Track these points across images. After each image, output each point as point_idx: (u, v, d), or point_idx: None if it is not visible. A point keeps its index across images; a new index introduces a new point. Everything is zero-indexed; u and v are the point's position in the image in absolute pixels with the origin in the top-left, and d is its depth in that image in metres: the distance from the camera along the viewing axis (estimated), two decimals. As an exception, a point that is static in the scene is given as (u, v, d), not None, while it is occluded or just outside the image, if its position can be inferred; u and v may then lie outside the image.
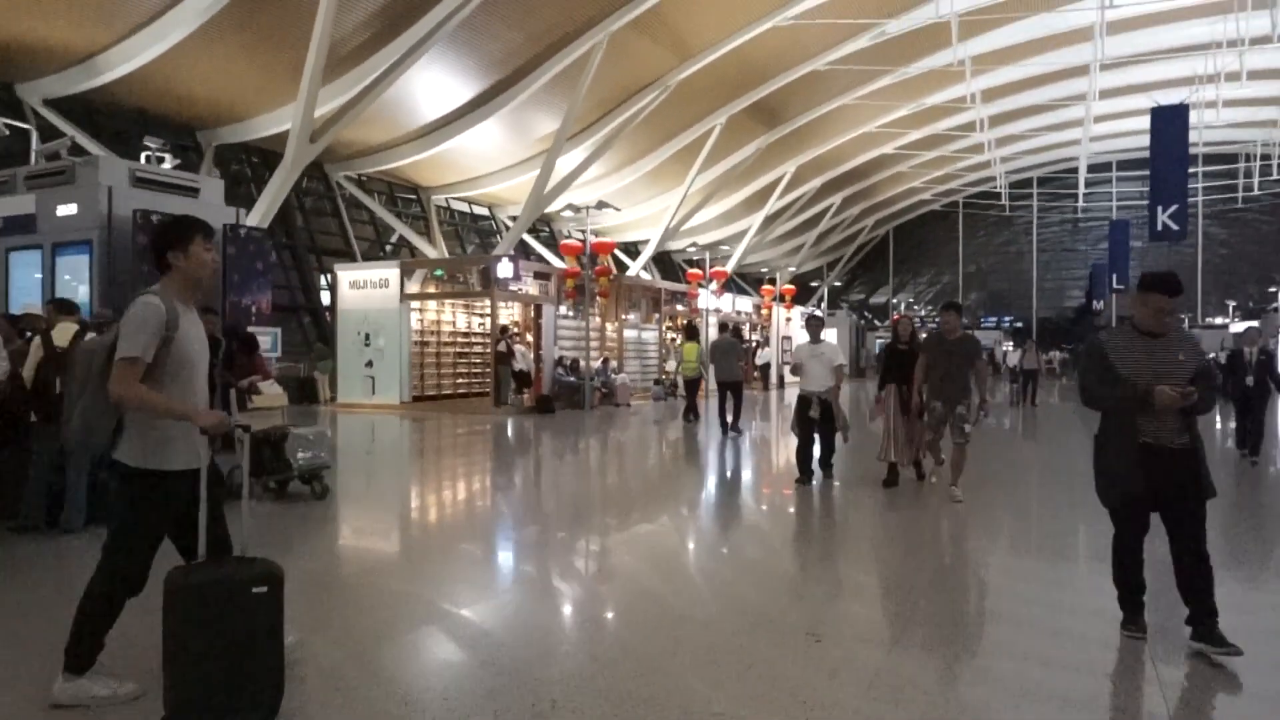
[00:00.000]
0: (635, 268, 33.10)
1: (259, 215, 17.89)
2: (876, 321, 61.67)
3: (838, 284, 54.07)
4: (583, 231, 21.36)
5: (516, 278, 18.36)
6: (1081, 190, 43.21)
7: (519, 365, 17.81)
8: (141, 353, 2.92)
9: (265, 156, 23.16)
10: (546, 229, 36.39)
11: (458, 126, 23.23)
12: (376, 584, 4.89)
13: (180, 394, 3.04)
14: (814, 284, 53.16)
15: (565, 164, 24.25)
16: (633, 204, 33.15)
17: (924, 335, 8.67)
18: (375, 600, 4.54)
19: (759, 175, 32.75)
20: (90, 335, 5.92)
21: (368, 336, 18.55)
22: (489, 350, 18.22)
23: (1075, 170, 41.32)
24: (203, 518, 3.03)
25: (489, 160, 26.92)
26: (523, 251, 30.67)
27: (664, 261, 39.16)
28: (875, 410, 8.40)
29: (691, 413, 15.78)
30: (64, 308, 6.38)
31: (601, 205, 20.96)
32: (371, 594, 4.66)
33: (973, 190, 46.76)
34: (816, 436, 8.47)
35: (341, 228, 25.87)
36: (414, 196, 29.26)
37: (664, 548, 6.06)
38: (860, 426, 12.54)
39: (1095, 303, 49.06)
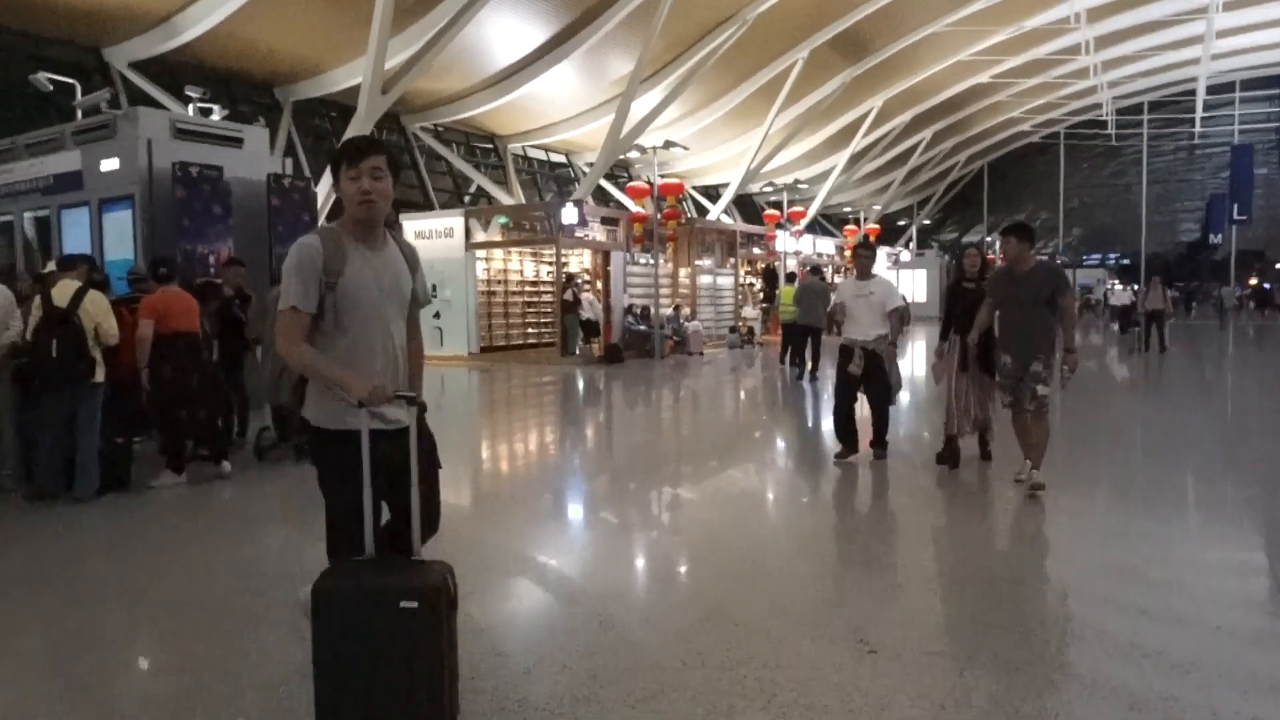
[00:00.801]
0: (716, 211, 32.39)
1: (335, 170, 18.03)
2: (971, 262, 59.20)
3: (926, 223, 51.71)
4: (649, 175, 20.85)
5: (583, 224, 17.88)
6: (1199, 114, 39.89)
7: (586, 314, 17.46)
8: (297, 301, 2.55)
9: (343, 111, 23.27)
10: (625, 175, 35.85)
11: (531, 72, 22.83)
12: (460, 534, 4.74)
13: (349, 347, 2.63)
14: (902, 223, 51.15)
15: (641, 107, 23.64)
16: (712, 146, 32.27)
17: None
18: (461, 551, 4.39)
19: (844, 112, 31.36)
20: (93, 293, 5.83)
21: (434, 287, 18.18)
22: (556, 299, 17.96)
23: (1193, 93, 38.14)
24: (367, 508, 2.53)
25: (564, 106, 26.47)
26: (601, 198, 30.34)
27: (746, 205, 38.14)
28: (938, 368, 6.63)
29: (795, 358, 14.23)
30: (66, 264, 6.09)
31: (669, 145, 20.10)
32: (456, 544, 4.51)
33: (1076, 119, 43.76)
34: (864, 399, 6.90)
35: (420, 180, 25.93)
36: (491, 146, 29.10)
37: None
38: (928, 387, 11.56)
39: (1212, 236, 45.81)
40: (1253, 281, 47.57)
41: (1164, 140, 47.84)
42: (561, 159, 32.37)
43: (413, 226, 18.99)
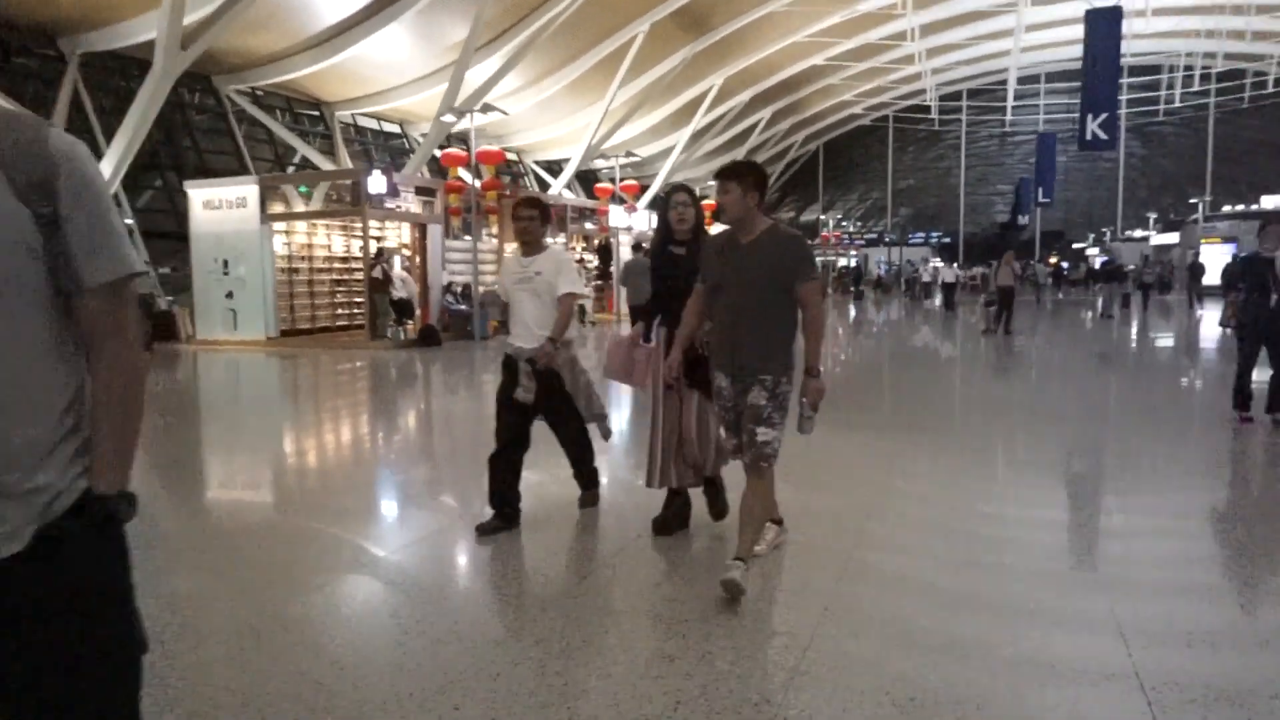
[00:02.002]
0: (557, 186, 31.77)
1: (129, 133, 16.16)
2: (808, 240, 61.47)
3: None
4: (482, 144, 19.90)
5: (393, 193, 16.36)
6: (1010, 103, 42.96)
7: (399, 293, 15.99)
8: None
9: (144, 68, 20.93)
10: (467, 147, 34.53)
11: (358, 32, 21.29)
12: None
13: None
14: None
15: (478, 76, 22.67)
16: (555, 120, 31.58)
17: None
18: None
19: (685, 88, 31.43)
20: None
21: (226, 264, 16.51)
22: (366, 277, 16.46)
23: (1005, 83, 40.97)
24: None
25: (397, 71, 25.01)
26: (439, 173, 29.03)
27: (589, 180, 37.73)
28: (635, 373, 4.44)
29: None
30: None
31: (487, 109, 18.65)
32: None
33: (904, 104, 46.13)
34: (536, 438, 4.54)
35: (235, 147, 23.82)
36: (317, 113, 27.17)
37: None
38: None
39: (1020, 217, 49.59)
40: (1053, 260, 51.94)
41: (980, 126, 51.34)
42: (395, 129, 30.72)
43: (200, 195, 16.95)
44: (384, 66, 24.27)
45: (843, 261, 37.34)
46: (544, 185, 35.32)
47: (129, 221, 18.85)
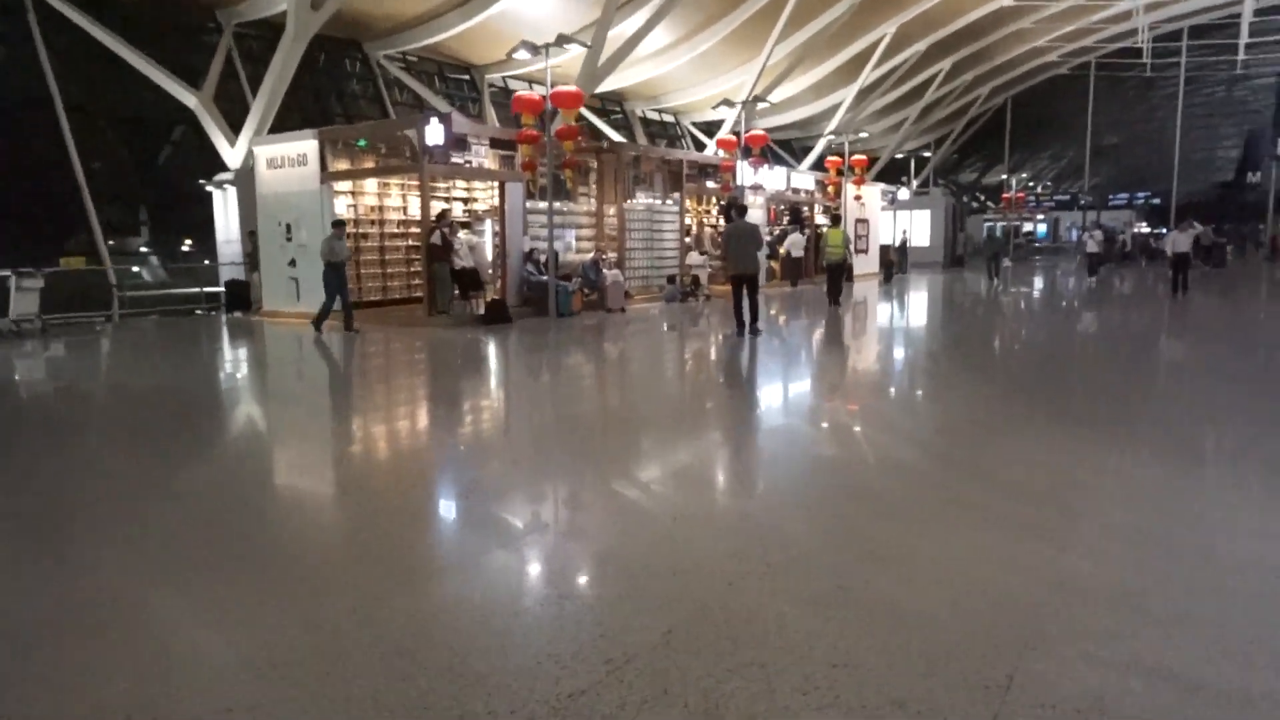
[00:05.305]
0: (711, 148, 30.11)
1: (266, 95, 16.07)
2: (990, 204, 56.39)
3: (923, 154, 48.68)
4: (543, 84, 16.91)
5: (459, 146, 14.17)
6: (1244, 40, 36.83)
7: (462, 262, 14.11)
8: None
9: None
10: (619, 110, 33.50)
11: (502, -14, 20.66)
12: None
13: None
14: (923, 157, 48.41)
15: (625, 32, 21.44)
16: (710, 78, 29.91)
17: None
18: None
19: (852, 40, 28.84)
20: None
21: (289, 228, 14.73)
22: (423, 244, 14.01)
23: (1239, 17, 35.09)
24: None
25: (545, 30, 23.94)
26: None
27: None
28: None
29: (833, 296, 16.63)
30: None
31: (563, 40, 15.68)
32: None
33: (1109, 48, 40.71)
34: None
35: (384, 115, 23.82)
36: (467, 77, 26.86)
37: None
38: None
39: (1250, 175, 43.00)
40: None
41: (1203, 70, 44.59)
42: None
43: (264, 153, 15.27)
44: (531, 25, 23.42)
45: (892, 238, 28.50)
46: (700, 147, 33.76)
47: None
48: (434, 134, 13.02)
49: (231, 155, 17.14)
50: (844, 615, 3.01)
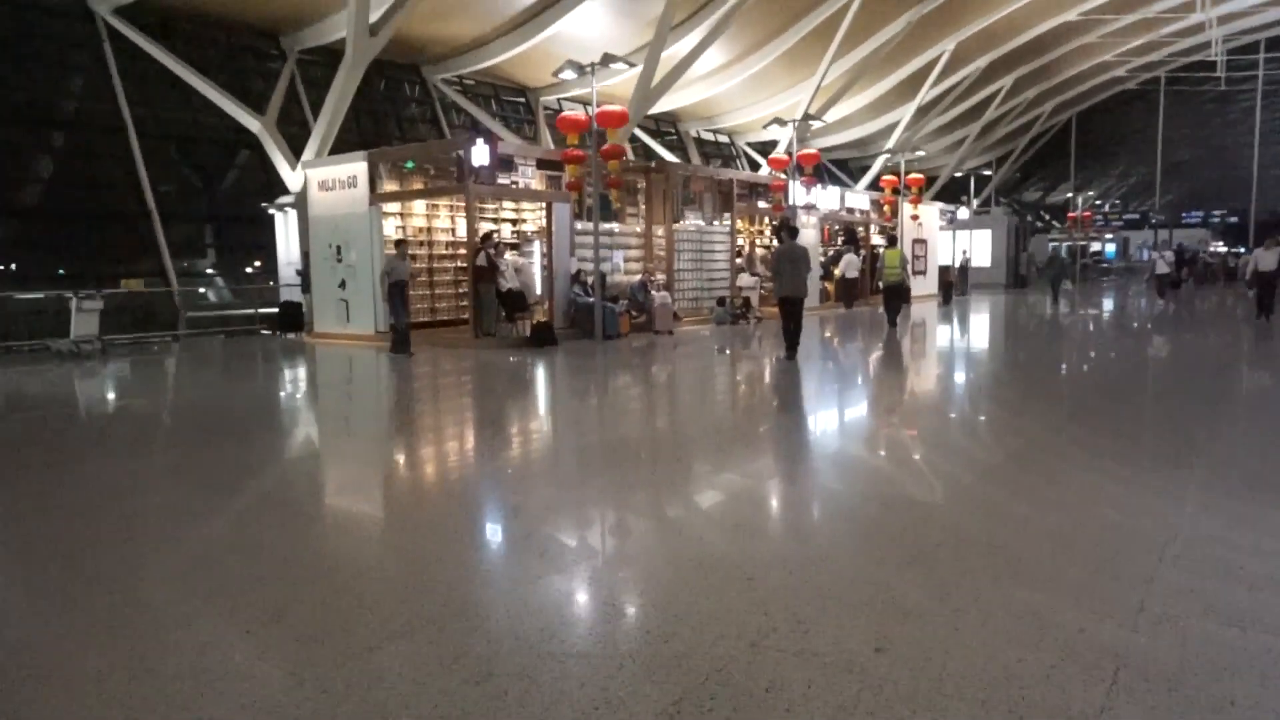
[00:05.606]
0: (764, 168, 29.90)
1: (326, 118, 16.38)
2: (1056, 223, 54.90)
3: (983, 173, 47.57)
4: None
5: (506, 167, 14.20)
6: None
7: (508, 284, 14.01)
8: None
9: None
10: (674, 131, 33.52)
11: (556, 11, 20.82)
12: None
13: None
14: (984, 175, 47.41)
15: (679, 54, 21.46)
16: (765, 98, 29.74)
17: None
18: None
19: (910, 57, 28.39)
20: None
21: (339, 250, 14.98)
22: (470, 265, 14.03)
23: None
24: None
25: (598, 52, 24.20)
26: (646, 155, 28.16)
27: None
28: None
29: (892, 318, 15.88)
30: None
31: (609, 60, 15.58)
32: None
33: (1180, 62, 39.44)
34: None
35: (441, 138, 24.18)
36: (522, 99, 27.17)
37: None
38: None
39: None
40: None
41: (1283, 83, 42.87)
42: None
43: (316, 176, 15.62)
44: (585, 46, 23.55)
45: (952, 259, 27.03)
46: (754, 167, 33.56)
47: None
48: (479, 155, 13.07)
49: (292, 179, 17.52)
50: (880, 675, 2.78)
